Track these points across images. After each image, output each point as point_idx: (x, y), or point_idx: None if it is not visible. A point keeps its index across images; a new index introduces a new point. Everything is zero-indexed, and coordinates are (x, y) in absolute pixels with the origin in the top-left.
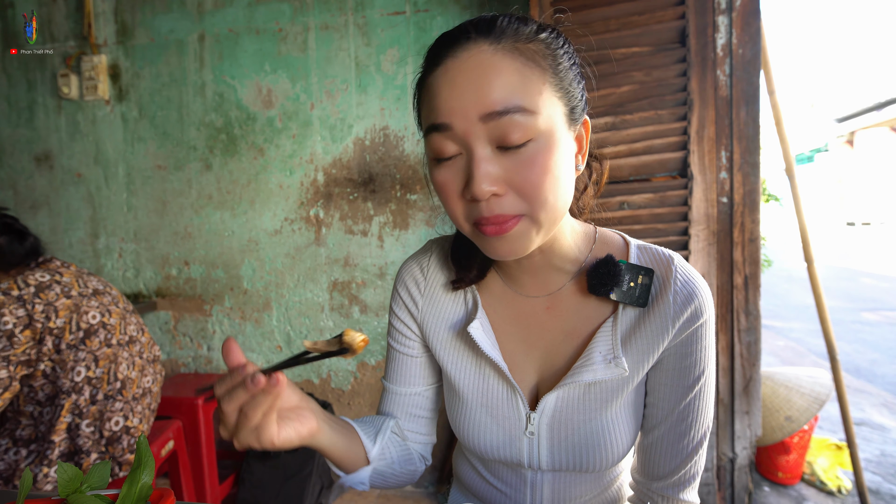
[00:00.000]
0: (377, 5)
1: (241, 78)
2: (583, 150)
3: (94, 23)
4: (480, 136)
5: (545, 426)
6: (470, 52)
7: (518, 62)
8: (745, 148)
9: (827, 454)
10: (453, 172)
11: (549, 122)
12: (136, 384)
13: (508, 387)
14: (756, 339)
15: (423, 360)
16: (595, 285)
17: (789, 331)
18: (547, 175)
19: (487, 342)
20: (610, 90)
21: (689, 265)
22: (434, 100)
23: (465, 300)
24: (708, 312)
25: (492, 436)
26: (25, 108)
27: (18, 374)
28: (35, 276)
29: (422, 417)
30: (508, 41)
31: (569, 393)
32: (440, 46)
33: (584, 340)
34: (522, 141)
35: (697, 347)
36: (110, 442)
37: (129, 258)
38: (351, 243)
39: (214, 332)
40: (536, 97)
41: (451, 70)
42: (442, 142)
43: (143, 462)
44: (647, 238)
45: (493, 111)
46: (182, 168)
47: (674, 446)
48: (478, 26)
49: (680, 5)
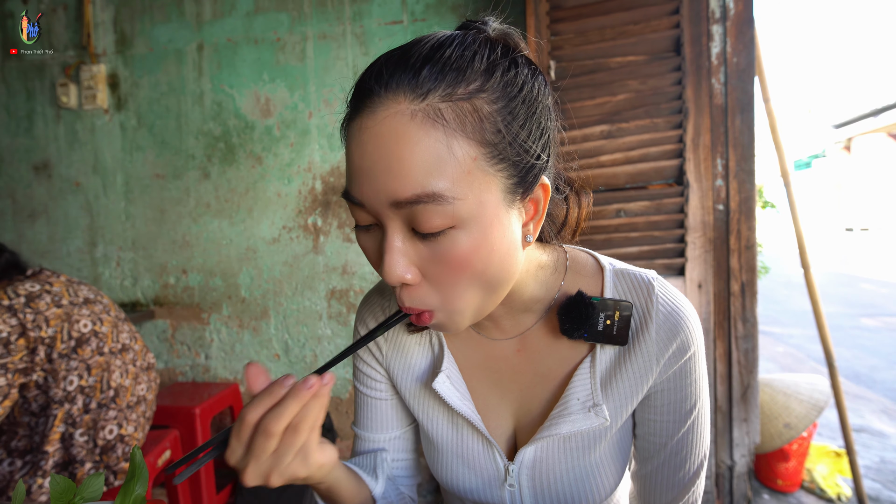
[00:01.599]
0: (375, 15)
1: (240, 87)
2: (538, 213)
3: (93, 32)
4: (393, 218)
5: (525, 477)
6: (387, 111)
7: (439, 133)
8: (740, 155)
9: (826, 461)
10: (372, 240)
11: (476, 207)
12: (129, 392)
13: (484, 440)
14: (753, 346)
15: (394, 402)
16: (568, 329)
17: (788, 337)
18: (466, 269)
19: (456, 396)
20: (606, 98)
21: (671, 289)
22: (349, 162)
23: (431, 344)
24: (696, 343)
25: (471, 485)
26: (24, 117)
27: (16, 381)
28: (25, 287)
29: (402, 461)
30: (436, 98)
31: (547, 445)
32: (361, 90)
33: (561, 383)
34: (438, 230)
35: (688, 381)
36: (104, 451)
37: (127, 267)
38: (349, 251)
39: (212, 340)
40: (459, 179)
41: (364, 131)
42: (357, 212)
43: (136, 473)
44: (644, 246)
45: (402, 199)
46: (180, 177)
47: (670, 478)
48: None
49: (675, 15)
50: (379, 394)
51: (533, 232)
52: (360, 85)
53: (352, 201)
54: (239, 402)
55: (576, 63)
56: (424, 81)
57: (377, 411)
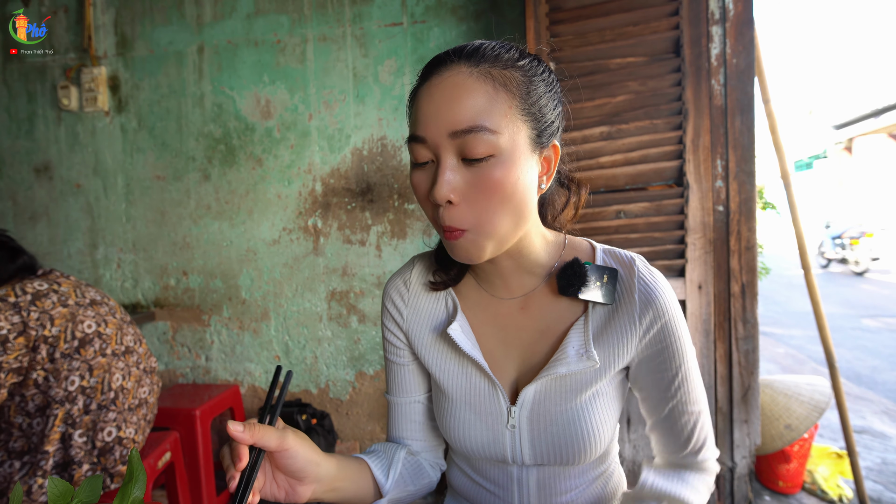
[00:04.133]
0: (375, 17)
1: (240, 89)
2: (550, 171)
3: (94, 35)
4: (448, 148)
5: (525, 419)
6: (450, 72)
7: (488, 86)
8: (740, 156)
9: (828, 463)
10: (425, 176)
11: (511, 142)
12: (131, 395)
13: (490, 383)
14: (754, 347)
15: (415, 368)
16: (564, 286)
17: (789, 338)
18: (498, 191)
19: (467, 342)
20: (605, 100)
21: (651, 267)
22: (416, 112)
23: (446, 304)
24: (671, 309)
25: (476, 432)
26: (25, 119)
27: (8, 381)
28: (33, 285)
29: (424, 425)
30: (485, 66)
31: (545, 385)
32: (430, 65)
33: (559, 338)
34: (484, 155)
35: (670, 341)
36: (102, 453)
37: (128, 268)
38: (349, 253)
39: (213, 342)
40: (501, 119)
41: (432, 87)
42: (418, 149)
43: (134, 476)
44: (644, 247)
45: (459, 129)
46: (181, 178)
47: (672, 429)
48: (462, 51)
49: (674, 16)
50: (401, 360)
51: (546, 183)
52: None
53: (416, 140)
54: (239, 403)
55: (575, 64)
56: (478, 57)
57: (402, 376)
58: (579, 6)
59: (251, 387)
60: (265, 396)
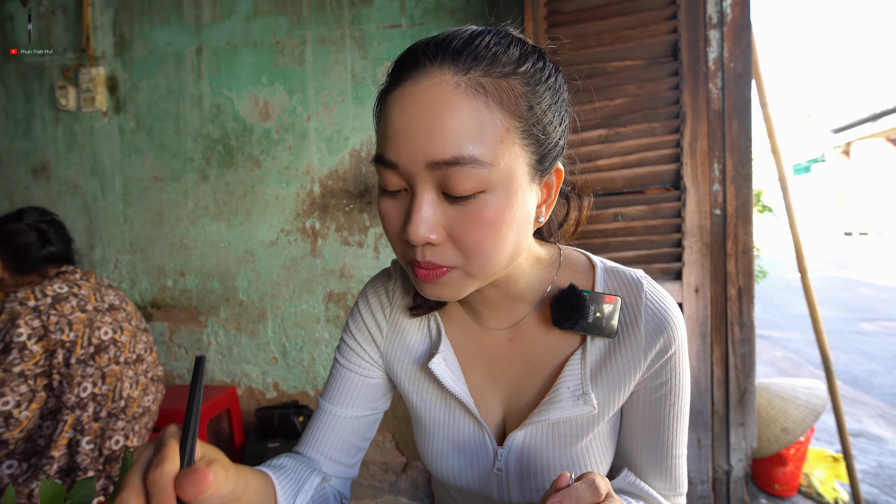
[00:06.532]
0: (374, 19)
1: (239, 90)
2: (550, 198)
3: (92, 35)
4: (426, 180)
5: (513, 462)
6: (431, 80)
7: (480, 103)
8: (737, 160)
9: (824, 466)
10: (397, 207)
11: (506, 175)
12: (136, 403)
13: (475, 423)
14: (750, 350)
15: (372, 383)
16: (559, 320)
17: (787, 341)
18: (491, 233)
19: (451, 377)
20: (603, 103)
21: (659, 288)
22: (386, 127)
23: (430, 329)
24: (680, 340)
25: (460, 469)
26: (23, 119)
27: (40, 385)
28: (53, 287)
29: (353, 446)
30: (477, 73)
31: (536, 430)
32: (404, 63)
33: (552, 374)
34: (470, 193)
35: (672, 376)
36: (108, 461)
37: (125, 269)
38: (347, 254)
39: (210, 343)
40: (495, 146)
41: (407, 97)
42: (388, 175)
43: None
44: (641, 250)
45: (439, 160)
46: (179, 179)
47: (651, 470)
48: (448, 47)
49: (672, 20)
50: (359, 369)
51: (545, 214)
52: (402, 59)
53: (385, 164)
54: (236, 405)
55: (573, 67)
56: (467, 59)
57: (351, 386)
58: (577, 9)
59: (248, 388)
60: (261, 398)
